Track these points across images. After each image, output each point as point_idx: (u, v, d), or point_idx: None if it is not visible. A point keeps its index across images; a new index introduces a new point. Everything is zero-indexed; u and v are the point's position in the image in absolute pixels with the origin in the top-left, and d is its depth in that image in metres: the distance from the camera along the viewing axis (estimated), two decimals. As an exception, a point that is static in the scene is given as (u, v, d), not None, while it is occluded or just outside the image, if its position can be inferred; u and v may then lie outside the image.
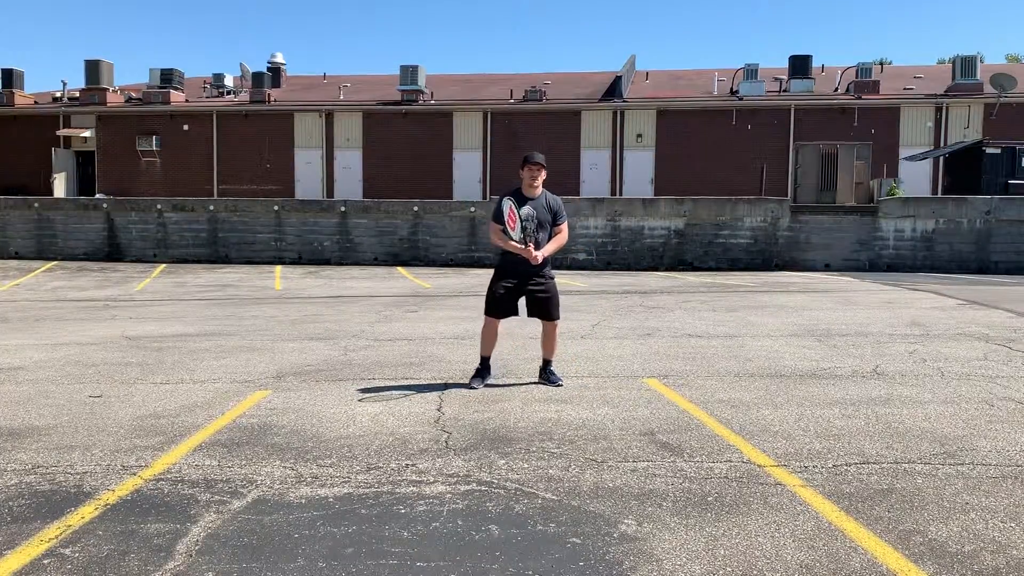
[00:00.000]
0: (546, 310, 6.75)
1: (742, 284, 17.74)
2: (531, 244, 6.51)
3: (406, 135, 32.53)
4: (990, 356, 8.28)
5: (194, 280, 19.28)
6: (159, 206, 25.28)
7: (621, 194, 30.74)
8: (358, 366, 7.89)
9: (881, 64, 38.53)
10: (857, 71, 32.41)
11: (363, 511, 3.97)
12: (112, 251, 25.15)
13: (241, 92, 36.22)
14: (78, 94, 35.48)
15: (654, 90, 34.30)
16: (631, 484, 4.34)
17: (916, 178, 29.74)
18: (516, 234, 6.50)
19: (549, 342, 6.90)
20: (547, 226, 6.68)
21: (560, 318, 6.89)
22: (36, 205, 25.69)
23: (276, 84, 36.86)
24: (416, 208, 24.27)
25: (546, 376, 6.95)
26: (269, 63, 38.61)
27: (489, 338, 6.84)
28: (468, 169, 32.21)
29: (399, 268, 22.91)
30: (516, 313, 6.83)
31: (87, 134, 33.97)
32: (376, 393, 6.62)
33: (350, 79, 38.29)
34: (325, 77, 40.73)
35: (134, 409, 6.11)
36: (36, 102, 36.30)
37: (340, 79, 38.18)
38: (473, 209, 24.08)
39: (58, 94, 36.35)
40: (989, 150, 24.28)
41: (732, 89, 32.85)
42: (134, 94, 35.43)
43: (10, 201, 25.91)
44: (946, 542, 3.59)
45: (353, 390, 6.75)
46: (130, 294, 16.28)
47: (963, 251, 22.33)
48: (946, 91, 30.90)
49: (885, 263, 22.46)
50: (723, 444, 5.11)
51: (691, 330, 10.30)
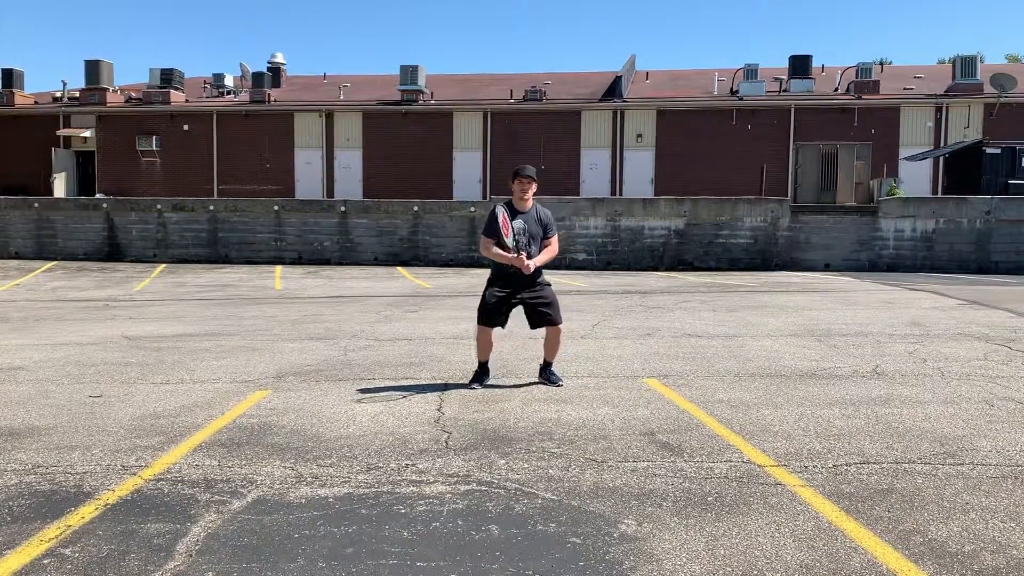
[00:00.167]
0: (549, 317, 6.78)
1: (742, 284, 17.74)
2: (523, 254, 6.55)
3: (406, 135, 32.53)
4: (990, 356, 8.28)
5: (194, 280, 19.28)
6: (159, 206, 25.27)
7: (621, 194, 30.73)
8: (358, 366, 7.89)
9: (881, 64, 38.51)
10: (857, 71, 32.41)
11: (363, 511, 3.97)
12: (112, 251, 25.14)
13: (241, 92, 36.22)
14: (78, 94, 35.47)
15: (654, 90, 34.30)
16: (631, 484, 4.34)
17: (916, 178, 29.74)
18: (510, 241, 6.54)
19: (553, 345, 6.94)
20: (538, 239, 6.77)
21: (562, 321, 6.91)
22: (36, 205, 25.69)
23: (276, 84, 36.86)
24: (416, 208, 24.27)
25: (546, 376, 6.97)
26: (269, 63, 38.61)
27: (484, 344, 6.87)
28: (468, 169, 32.21)
29: (399, 268, 22.91)
30: (504, 325, 6.82)
31: (87, 134, 33.97)
32: (376, 393, 6.62)
33: (350, 79, 38.29)
34: (325, 77, 40.74)
35: (134, 409, 6.11)
36: (36, 102, 36.30)
37: (340, 79, 38.18)
38: (473, 209, 24.08)
39: (58, 94, 36.34)
40: (989, 150, 24.28)
41: (732, 89, 32.86)
42: (134, 94, 35.42)
43: (10, 201, 25.90)
44: (946, 542, 3.59)
45: (353, 390, 6.75)
46: (130, 294, 16.28)
47: (963, 251, 22.33)
48: (946, 91, 30.90)
49: (885, 263, 22.46)
50: (723, 444, 5.11)
51: (691, 330, 10.30)
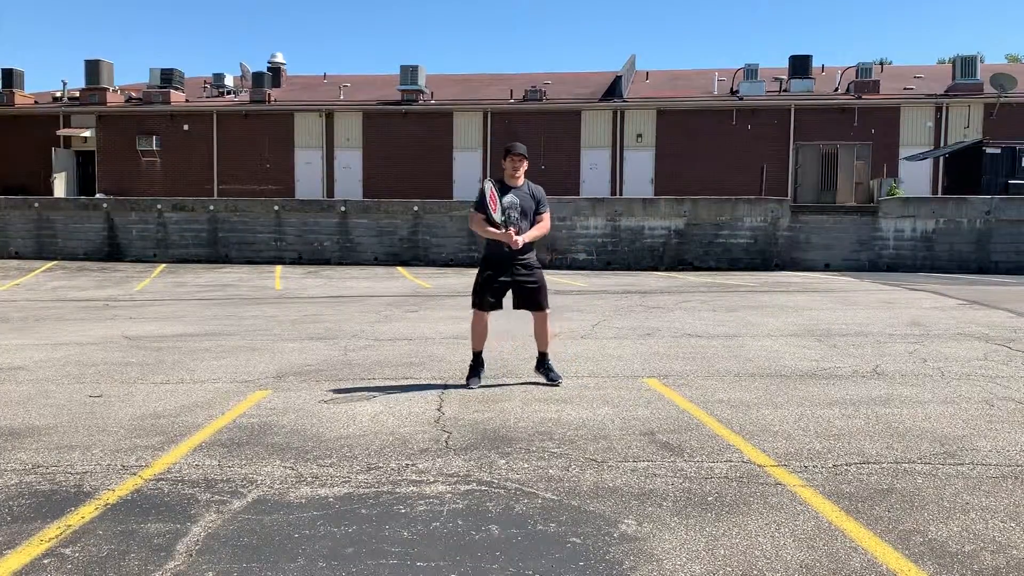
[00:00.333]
0: (535, 300, 6.78)
1: (742, 284, 17.74)
2: (511, 229, 6.57)
3: (406, 135, 32.54)
4: (990, 356, 8.28)
5: (194, 280, 19.28)
6: (159, 206, 25.28)
7: (621, 194, 30.74)
8: (358, 366, 7.89)
9: (881, 64, 38.51)
10: (857, 71, 32.42)
11: (363, 511, 3.97)
12: (112, 251, 25.14)
13: (241, 92, 36.23)
14: (78, 94, 35.48)
15: (654, 90, 34.31)
16: (631, 484, 4.34)
17: (916, 178, 29.74)
18: (497, 216, 6.54)
19: (542, 333, 6.91)
20: (530, 214, 6.78)
21: (549, 308, 6.92)
22: (36, 205, 25.69)
23: (276, 84, 36.87)
24: (416, 208, 24.27)
25: (543, 370, 6.93)
26: (269, 63, 38.62)
27: (480, 332, 6.87)
28: (468, 169, 32.22)
29: (399, 268, 22.90)
30: (501, 306, 6.87)
31: (87, 134, 33.98)
32: (376, 393, 6.62)
33: (350, 79, 38.30)
34: (325, 77, 40.74)
35: (134, 409, 6.11)
36: (36, 102, 36.31)
37: (340, 79, 38.19)
38: (473, 209, 24.03)
39: (58, 94, 36.36)
40: (989, 150, 24.28)
41: (732, 89, 32.87)
42: (134, 94, 35.44)
43: (10, 201, 25.91)
44: (946, 542, 3.59)
45: (353, 390, 6.75)
46: (130, 294, 16.28)
47: (963, 251, 22.33)
48: (946, 91, 30.91)
49: (885, 263, 22.46)
50: (723, 444, 5.11)
51: (691, 330, 10.30)
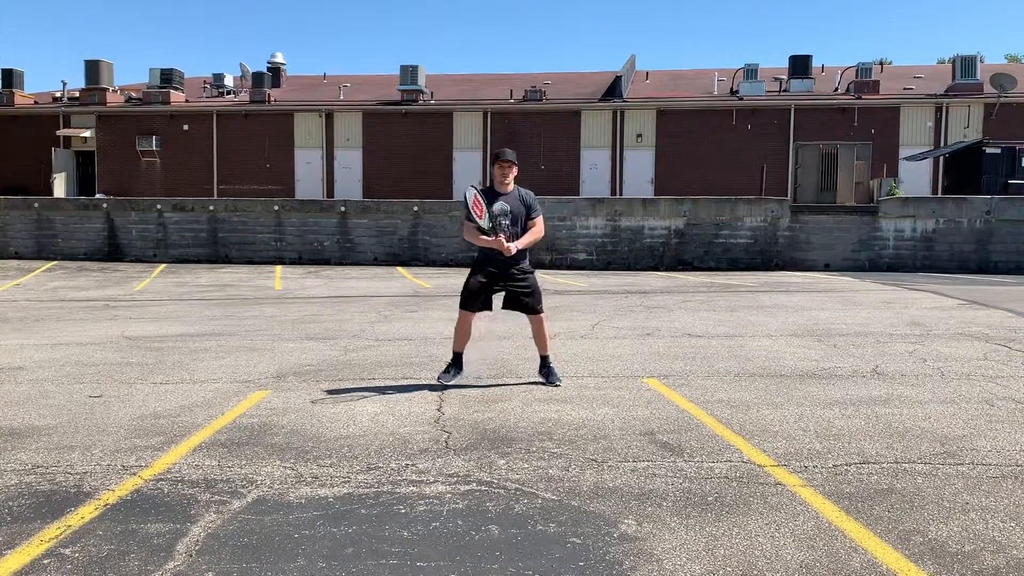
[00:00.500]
0: (529, 305, 6.78)
1: (742, 284, 17.74)
2: (502, 235, 6.53)
3: (406, 135, 32.53)
4: (990, 356, 8.28)
5: (194, 280, 19.28)
6: (159, 206, 25.27)
7: (621, 194, 30.74)
8: (358, 366, 7.89)
9: (881, 64, 38.50)
10: (857, 71, 32.41)
11: (363, 511, 3.97)
12: (112, 251, 25.14)
13: (241, 92, 36.22)
14: (78, 94, 35.48)
15: (654, 90, 34.31)
16: (631, 484, 4.34)
17: (916, 178, 29.74)
18: (484, 222, 6.50)
19: (540, 337, 6.91)
20: (521, 221, 6.74)
21: (544, 311, 6.90)
22: (36, 205, 25.68)
23: (276, 84, 36.87)
24: (416, 208, 24.27)
25: (545, 373, 6.94)
26: (269, 63, 38.61)
27: (463, 333, 6.86)
28: (468, 169, 32.20)
29: (399, 268, 22.90)
30: (490, 307, 6.87)
31: (87, 134, 33.98)
32: (376, 393, 6.62)
33: (350, 79, 38.29)
34: (325, 77, 40.74)
35: (134, 409, 6.11)
36: (36, 102, 36.30)
37: (340, 79, 38.18)
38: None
39: (58, 94, 36.35)
40: (989, 150, 24.27)
41: (732, 89, 32.86)
42: (134, 94, 35.42)
43: (10, 201, 25.90)
44: (946, 542, 3.59)
45: (353, 390, 6.75)
46: (130, 294, 16.28)
47: (963, 251, 22.33)
48: (946, 91, 30.90)
49: (885, 263, 22.46)
50: (723, 444, 5.11)
51: (691, 330, 10.30)
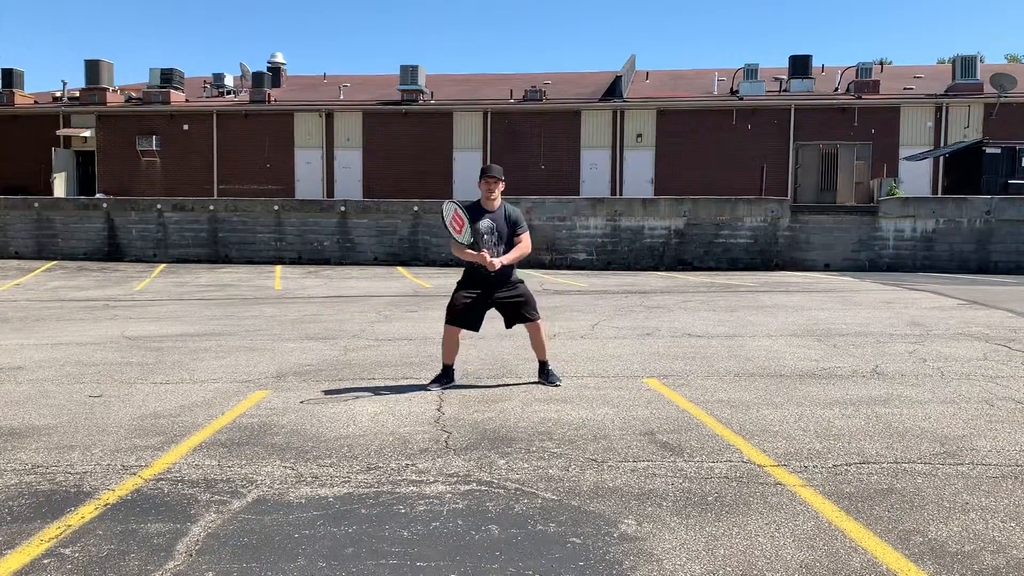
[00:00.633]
0: (522, 313, 6.74)
1: (742, 284, 17.74)
2: (485, 251, 6.47)
3: (406, 135, 32.52)
4: (990, 356, 8.28)
5: (194, 280, 19.28)
6: (159, 206, 25.27)
7: (621, 194, 30.73)
8: (358, 366, 7.89)
9: (881, 64, 38.49)
10: (857, 71, 32.40)
11: (363, 511, 3.97)
12: (112, 251, 25.14)
13: (241, 92, 36.21)
14: (78, 94, 35.47)
15: (654, 90, 34.30)
16: (631, 484, 4.34)
17: (916, 178, 29.74)
18: (464, 237, 6.43)
19: (538, 343, 6.88)
20: (507, 237, 6.67)
21: (540, 317, 6.87)
22: (36, 205, 25.68)
23: (276, 84, 36.86)
24: (416, 208, 24.26)
25: (544, 376, 6.94)
26: (269, 63, 38.60)
27: (450, 346, 6.78)
28: (468, 169, 32.14)
29: (399, 268, 22.90)
30: (477, 328, 6.76)
31: (87, 134, 33.97)
32: (376, 393, 6.62)
33: (350, 79, 38.28)
34: (325, 77, 40.73)
35: (134, 409, 6.11)
36: (36, 102, 36.30)
37: (340, 79, 38.17)
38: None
39: (58, 94, 36.34)
40: (989, 150, 24.27)
41: (732, 89, 32.86)
42: (134, 94, 35.41)
43: (10, 201, 25.90)
44: (946, 542, 3.59)
45: (353, 390, 6.75)
46: (130, 294, 16.28)
47: (963, 251, 22.33)
48: (946, 91, 30.90)
49: (885, 263, 22.46)
50: (723, 444, 5.11)
51: (691, 330, 10.30)
